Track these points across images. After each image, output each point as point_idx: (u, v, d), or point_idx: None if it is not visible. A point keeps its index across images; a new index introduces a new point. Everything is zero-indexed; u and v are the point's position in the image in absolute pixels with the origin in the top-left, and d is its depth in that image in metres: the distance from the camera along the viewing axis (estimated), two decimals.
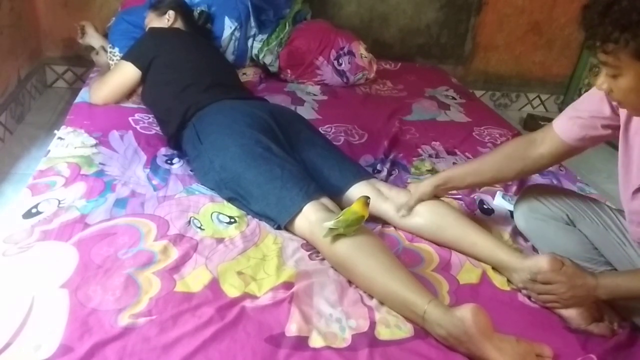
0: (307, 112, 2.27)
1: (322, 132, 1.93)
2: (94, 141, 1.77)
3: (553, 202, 1.43)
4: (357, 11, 3.12)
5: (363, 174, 1.63)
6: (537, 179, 1.90)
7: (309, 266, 1.32)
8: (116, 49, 2.29)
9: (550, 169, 1.99)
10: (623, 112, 1.20)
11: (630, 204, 1.22)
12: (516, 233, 1.55)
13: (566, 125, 1.33)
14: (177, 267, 1.26)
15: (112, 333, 1.05)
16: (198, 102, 1.77)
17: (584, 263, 1.33)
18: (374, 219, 1.52)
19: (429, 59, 3.29)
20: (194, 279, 1.23)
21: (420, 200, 1.48)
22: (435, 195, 1.51)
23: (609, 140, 1.33)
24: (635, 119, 1.17)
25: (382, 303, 1.22)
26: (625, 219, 1.30)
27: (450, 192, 1.59)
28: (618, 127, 1.23)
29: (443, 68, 3.23)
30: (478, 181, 1.53)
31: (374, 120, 2.26)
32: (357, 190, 1.54)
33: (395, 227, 1.53)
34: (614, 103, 1.17)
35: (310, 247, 1.38)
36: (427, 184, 1.50)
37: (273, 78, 2.66)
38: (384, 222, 1.54)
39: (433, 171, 1.88)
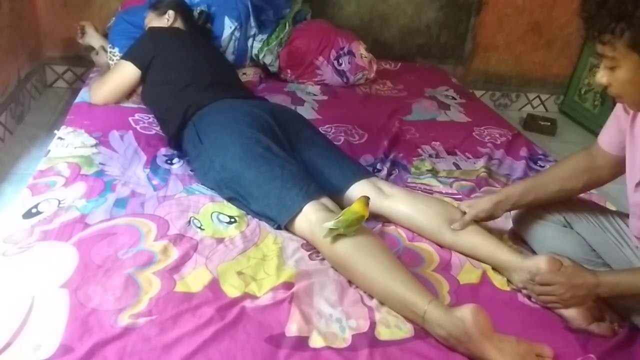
0: (307, 112, 2.27)
1: (322, 132, 1.93)
2: (94, 141, 1.77)
3: (550, 204, 1.43)
4: (357, 11, 3.12)
5: (364, 173, 1.63)
6: None
7: (309, 266, 1.32)
8: (116, 49, 2.29)
9: None
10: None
11: (634, 196, 1.22)
12: (516, 233, 1.55)
13: (606, 138, 1.33)
14: (177, 267, 1.26)
15: (112, 333, 1.05)
16: (198, 101, 1.77)
17: (582, 265, 1.33)
18: (375, 217, 1.52)
19: (429, 59, 3.29)
20: (194, 279, 1.23)
21: (477, 217, 1.43)
22: (492, 214, 1.44)
23: None
24: None
25: (382, 303, 1.22)
26: (623, 220, 1.30)
27: (508, 210, 1.48)
28: None
29: (443, 68, 3.23)
30: (542, 196, 1.42)
31: (374, 120, 2.26)
32: (357, 189, 1.54)
33: (396, 225, 1.53)
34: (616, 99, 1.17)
35: (310, 247, 1.38)
36: (486, 200, 1.44)
37: (273, 78, 2.66)
38: (385, 221, 1.54)
39: (433, 171, 1.89)
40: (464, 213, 1.45)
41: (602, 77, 1.09)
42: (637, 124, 1.19)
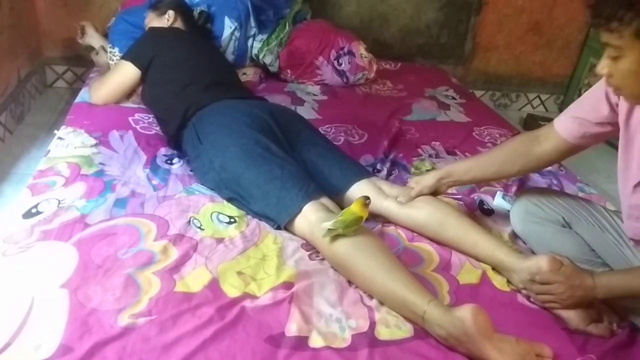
0: (307, 112, 2.27)
1: (322, 132, 1.93)
2: (94, 141, 1.77)
3: (549, 204, 1.44)
4: (357, 11, 3.12)
5: (364, 173, 1.63)
6: (536, 179, 1.91)
7: (309, 266, 1.32)
8: (116, 49, 2.29)
9: (550, 169, 1.99)
10: (623, 108, 1.20)
11: (631, 198, 1.22)
12: (516, 234, 1.54)
13: (566, 124, 1.34)
14: (177, 267, 1.26)
15: (112, 333, 1.05)
16: (198, 101, 1.77)
17: (581, 265, 1.32)
18: (375, 217, 1.52)
19: (429, 59, 3.29)
20: (194, 279, 1.23)
21: (422, 192, 1.49)
22: (437, 190, 1.51)
23: (610, 137, 1.33)
24: (635, 114, 1.17)
25: (382, 303, 1.22)
26: (622, 217, 1.30)
27: (452, 186, 1.57)
28: (618, 124, 1.23)
29: (443, 68, 3.23)
30: (480, 176, 1.52)
31: (374, 120, 2.26)
32: (357, 189, 1.54)
33: (396, 225, 1.53)
34: (612, 92, 1.17)
35: (310, 247, 1.38)
36: (429, 177, 1.51)
37: (273, 78, 2.66)
38: (385, 221, 1.54)
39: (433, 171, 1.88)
40: (411, 188, 1.51)
41: (603, 67, 1.09)
42: (632, 124, 1.19)
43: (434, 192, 1.52)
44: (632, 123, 1.19)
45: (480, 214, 1.66)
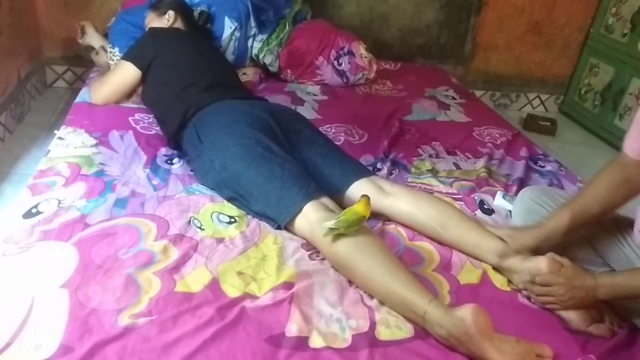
0: (307, 112, 2.27)
1: (322, 132, 1.93)
2: (94, 141, 1.77)
3: (550, 203, 1.43)
4: (357, 11, 3.12)
5: (364, 172, 1.63)
6: (537, 179, 1.91)
7: (309, 266, 1.32)
8: (116, 49, 2.29)
9: (550, 169, 2.00)
10: None
11: None
12: None
13: (632, 144, 1.28)
14: (177, 267, 1.26)
15: (112, 333, 1.05)
16: (198, 102, 1.77)
17: (581, 265, 1.33)
18: (375, 216, 1.52)
19: (429, 59, 3.29)
20: (194, 279, 1.23)
21: (519, 253, 1.35)
22: (538, 250, 1.35)
23: None
24: None
25: (382, 303, 1.21)
26: (627, 218, 1.30)
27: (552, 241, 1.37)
28: None
29: (443, 68, 3.23)
30: (587, 220, 1.33)
31: (374, 120, 2.26)
32: (358, 188, 1.54)
33: (396, 224, 1.52)
34: None
35: (311, 247, 1.38)
36: (532, 238, 1.34)
37: (273, 78, 2.66)
38: (386, 219, 1.54)
39: (433, 171, 1.88)
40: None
41: None
42: None
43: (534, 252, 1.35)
44: None
45: (480, 213, 1.66)
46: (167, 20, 2.16)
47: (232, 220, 1.46)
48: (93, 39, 2.40)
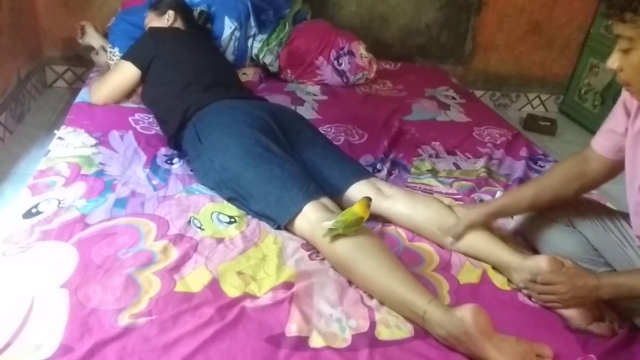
0: (307, 112, 2.27)
1: (322, 132, 1.93)
2: (94, 141, 1.77)
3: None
4: (357, 11, 3.12)
5: (363, 173, 1.63)
6: None
7: (309, 266, 1.32)
8: (116, 49, 2.29)
9: None
10: (632, 106, 1.19)
11: (638, 195, 1.21)
12: (516, 233, 1.55)
13: (600, 141, 1.32)
14: (177, 267, 1.26)
15: (112, 333, 1.05)
16: (198, 101, 1.77)
17: (583, 264, 1.33)
18: (375, 217, 1.52)
19: (429, 59, 3.29)
20: (194, 279, 1.23)
21: (470, 227, 1.42)
22: (487, 223, 1.43)
23: None
24: None
25: (382, 303, 1.22)
26: (629, 217, 1.30)
27: (501, 218, 1.51)
28: None
29: (443, 68, 3.23)
30: (536, 204, 1.42)
31: (374, 120, 2.26)
32: (357, 189, 1.54)
33: (396, 225, 1.53)
34: (624, 88, 1.15)
35: (310, 247, 1.38)
36: (480, 213, 1.42)
37: (273, 78, 2.66)
38: (384, 221, 1.54)
39: (433, 171, 1.89)
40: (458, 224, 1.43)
41: (614, 61, 1.07)
42: (637, 123, 1.19)
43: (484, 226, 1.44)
44: (638, 122, 1.18)
45: None
46: (166, 20, 2.16)
47: (232, 220, 1.46)
48: (93, 39, 2.40)
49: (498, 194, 1.74)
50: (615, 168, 1.31)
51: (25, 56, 2.65)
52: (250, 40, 2.58)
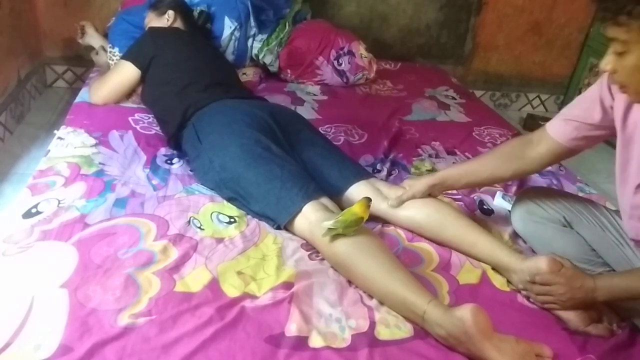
0: (307, 112, 2.27)
1: (322, 132, 1.93)
2: (94, 141, 1.77)
3: (550, 204, 1.43)
4: (357, 11, 3.12)
5: (363, 174, 1.63)
6: (536, 179, 1.91)
7: (309, 266, 1.32)
8: (116, 49, 2.29)
9: (550, 169, 1.99)
10: (620, 108, 1.19)
11: (632, 198, 1.22)
12: (516, 234, 1.54)
13: (559, 127, 1.34)
14: (177, 267, 1.26)
15: (112, 333, 1.05)
16: (197, 101, 1.77)
17: (581, 265, 1.33)
18: (374, 218, 1.51)
19: (429, 59, 3.29)
20: (193, 279, 1.23)
21: (413, 197, 1.48)
22: (430, 194, 1.50)
23: (606, 139, 1.33)
24: (633, 114, 1.17)
25: (381, 303, 1.22)
26: (623, 218, 1.30)
27: (446, 191, 1.58)
28: (613, 127, 1.23)
29: (443, 68, 3.23)
30: (474, 181, 1.52)
31: (374, 120, 2.26)
32: (356, 190, 1.54)
33: (395, 226, 1.53)
34: (618, 89, 1.15)
35: (310, 247, 1.38)
36: (422, 183, 1.49)
37: (273, 78, 2.66)
38: (384, 222, 1.54)
39: (433, 171, 1.88)
40: (403, 190, 1.51)
41: (607, 63, 1.07)
42: (629, 124, 1.18)
43: (427, 197, 1.51)
44: (629, 124, 1.18)
45: (480, 214, 1.66)
46: (166, 20, 2.16)
47: (232, 220, 1.46)
48: (93, 39, 2.40)
49: (498, 194, 1.74)
50: (561, 155, 1.38)
51: (25, 56, 2.65)
52: (250, 40, 2.58)
